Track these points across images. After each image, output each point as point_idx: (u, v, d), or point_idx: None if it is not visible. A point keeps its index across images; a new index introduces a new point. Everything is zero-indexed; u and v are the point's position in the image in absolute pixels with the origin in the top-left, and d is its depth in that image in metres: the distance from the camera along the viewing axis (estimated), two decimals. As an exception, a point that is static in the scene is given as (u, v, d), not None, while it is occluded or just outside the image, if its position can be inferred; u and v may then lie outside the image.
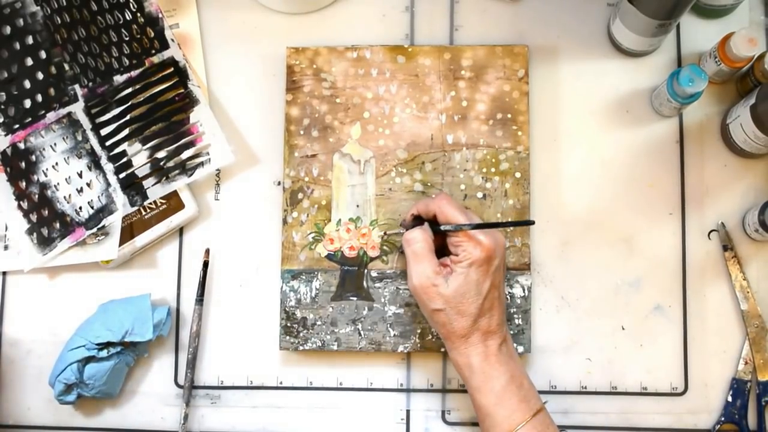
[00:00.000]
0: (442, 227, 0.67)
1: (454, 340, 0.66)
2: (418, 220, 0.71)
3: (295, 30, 0.80)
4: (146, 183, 0.77)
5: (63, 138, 0.77)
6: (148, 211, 0.77)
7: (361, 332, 0.75)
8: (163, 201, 0.77)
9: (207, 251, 0.77)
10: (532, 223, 0.70)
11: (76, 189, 0.76)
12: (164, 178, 0.77)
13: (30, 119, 0.77)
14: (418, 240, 0.67)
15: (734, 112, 0.74)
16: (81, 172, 0.76)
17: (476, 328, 0.66)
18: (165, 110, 0.77)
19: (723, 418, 0.74)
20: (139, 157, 0.77)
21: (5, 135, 0.76)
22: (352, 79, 0.77)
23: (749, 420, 0.74)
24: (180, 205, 0.77)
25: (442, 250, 0.69)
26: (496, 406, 0.65)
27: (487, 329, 0.66)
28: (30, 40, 0.77)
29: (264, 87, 0.79)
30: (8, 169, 0.76)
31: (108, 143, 0.77)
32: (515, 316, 0.74)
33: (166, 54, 0.77)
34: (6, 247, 0.77)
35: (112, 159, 0.77)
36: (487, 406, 0.65)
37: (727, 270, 0.76)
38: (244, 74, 0.80)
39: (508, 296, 0.74)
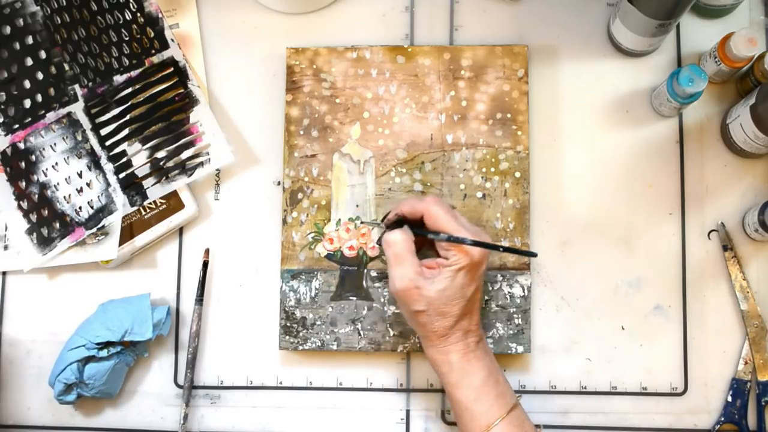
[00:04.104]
0: (435, 236, 0.65)
1: (434, 339, 0.67)
2: (399, 221, 0.69)
3: (295, 30, 0.80)
4: (146, 183, 0.77)
5: (63, 138, 0.77)
6: (148, 211, 0.77)
7: (361, 332, 0.75)
8: (163, 201, 0.77)
9: (207, 251, 0.77)
10: (534, 255, 0.68)
11: (76, 189, 0.76)
12: (164, 178, 0.77)
13: (30, 119, 0.77)
14: (399, 242, 0.66)
15: (734, 112, 0.74)
16: (81, 172, 0.76)
17: (457, 329, 0.66)
18: (165, 110, 0.77)
19: (723, 418, 0.74)
20: (139, 157, 0.77)
21: (5, 135, 0.76)
22: (352, 80, 0.77)
23: (749, 420, 0.74)
24: (180, 205, 0.77)
25: (421, 248, 0.68)
26: (474, 401, 0.65)
27: (467, 329, 0.66)
28: (30, 40, 0.77)
29: (264, 87, 0.79)
30: (8, 169, 0.76)
31: (108, 143, 0.77)
32: (515, 316, 0.74)
33: (166, 54, 0.77)
34: (6, 247, 0.77)
35: (112, 159, 0.77)
36: (466, 401, 0.66)
37: (727, 270, 0.76)
38: (244, 74, 0.80)
39: (507, 296, 0.74)
